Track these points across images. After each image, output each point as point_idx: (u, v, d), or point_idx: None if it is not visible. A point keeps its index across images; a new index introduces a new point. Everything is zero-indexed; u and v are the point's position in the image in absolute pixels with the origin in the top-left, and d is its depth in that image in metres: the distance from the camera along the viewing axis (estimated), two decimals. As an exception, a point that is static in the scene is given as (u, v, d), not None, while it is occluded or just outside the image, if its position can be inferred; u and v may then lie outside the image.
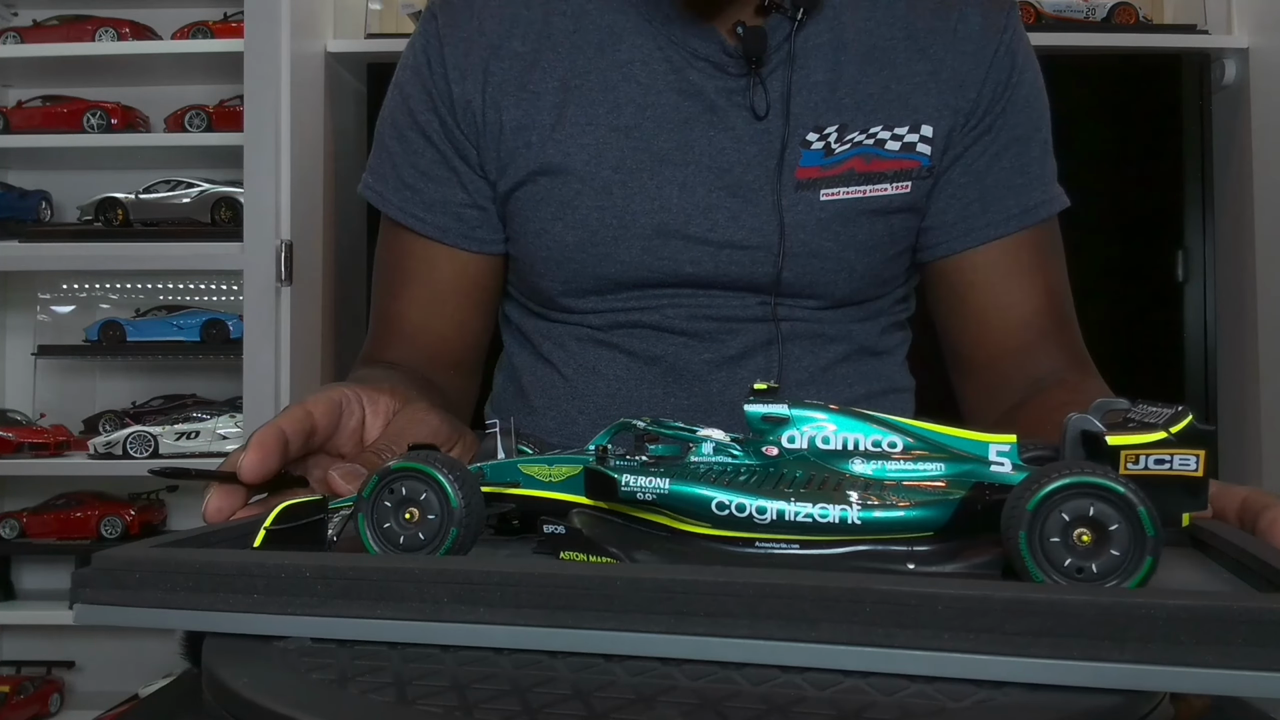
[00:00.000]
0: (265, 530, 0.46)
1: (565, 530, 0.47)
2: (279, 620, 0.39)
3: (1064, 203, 0.90)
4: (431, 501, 0.45)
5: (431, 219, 0.89)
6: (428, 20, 0.89)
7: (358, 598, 0.39)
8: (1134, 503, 0.36)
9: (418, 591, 0.38)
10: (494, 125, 0.86)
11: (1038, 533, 0.37)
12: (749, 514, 0.42)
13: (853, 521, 0.41)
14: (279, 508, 0.46)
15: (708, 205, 0.84)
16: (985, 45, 0.85)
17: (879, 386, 0.92)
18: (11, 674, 2.14)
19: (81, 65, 2.15)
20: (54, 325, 2.29)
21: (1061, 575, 0.37)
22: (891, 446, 0.45)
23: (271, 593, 0.39)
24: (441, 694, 0.34)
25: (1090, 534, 0.37)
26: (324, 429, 0.59)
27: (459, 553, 0.45)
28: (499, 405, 0.98)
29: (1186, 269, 1.99)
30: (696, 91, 0.84)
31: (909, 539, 0.42)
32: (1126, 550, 0.37)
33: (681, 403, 0.87)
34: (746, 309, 0.86)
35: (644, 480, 0.45)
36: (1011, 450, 0.44)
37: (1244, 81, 2.03)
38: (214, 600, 0.40)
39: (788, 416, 0.46)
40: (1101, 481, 0.37)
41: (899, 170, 0.84)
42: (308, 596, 0.39)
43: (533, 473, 0.48)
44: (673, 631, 0.36)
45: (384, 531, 0.45)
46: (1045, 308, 0.88)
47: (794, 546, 0.43)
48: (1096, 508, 0.37)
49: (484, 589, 0.37)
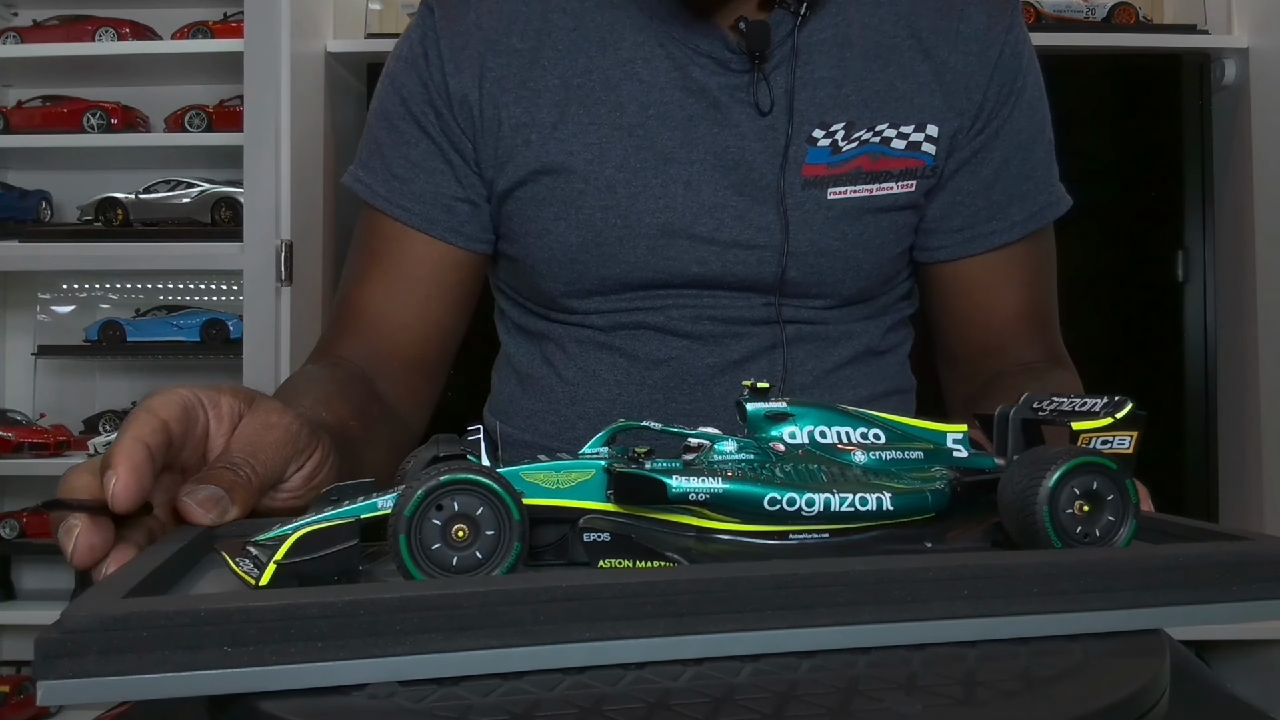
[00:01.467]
0: (275, 564, 0.40)
1: (611, 538, 0.45)
2: (355, 666, 0.33)
3: (1066, 204, 0.90)
4: (488, 516, 0.40)
5: (420, 210, 0.87)
6: (424, 14, 0.88)
7: (455, 630, 0.34)
8: (1123, 476, 0.44)
9: (523, 614, 0.34)
10: (492, 122, 0.85)
11: (1058, 506, 0.43)
12: (798, 508, 0.45)
13: (887, 508, 0.45)
14: (296, 535, 0.40)
15: (714, 204, 0.83)
16: (989, 46, 0.85)
17: (883, 388, 0.92)
18: (11, 674, 2.13)
19: (81, 65, 2.15)
20: (54, 325, 2.29)
21: (1073, 541, 0.43)
22: (876, 438, 0.49)
23: (339, 635, 0.33)
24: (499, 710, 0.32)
25: (1088, 504, 0.44)
26: (178, 439, 0.50)
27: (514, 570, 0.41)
28: (497, 408, 0.97)
29: (1186, 269, 1.99)
30: (700, 88, 0.83)
31: (915, 522, 0.46)
32: (1119, 515, 0.44)
33: (683, 407, 0.87)
34: (752, 310, 0.86)
35: (696, 481, 0.44)
36: (964, 438, 0.50)
37: (1244, 81, 2.03)
38: (266, 654, 0.33)
39: (790, 413, 0.48)
40: (1101, 460, 0.44)
41: (905, 169, 0.84)
42: (384, 637, 0.34)
43: (538, 480, 0.46)
44: (796, 626, 0.37)
45: (431, 554, 0.40)
46: (1029, 309, 0.90)
47: (824, 537, 0.45)
48: (1099, 481, 0.44)
49: (596, 603, 0.35)
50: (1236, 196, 2.05)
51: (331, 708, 0.32)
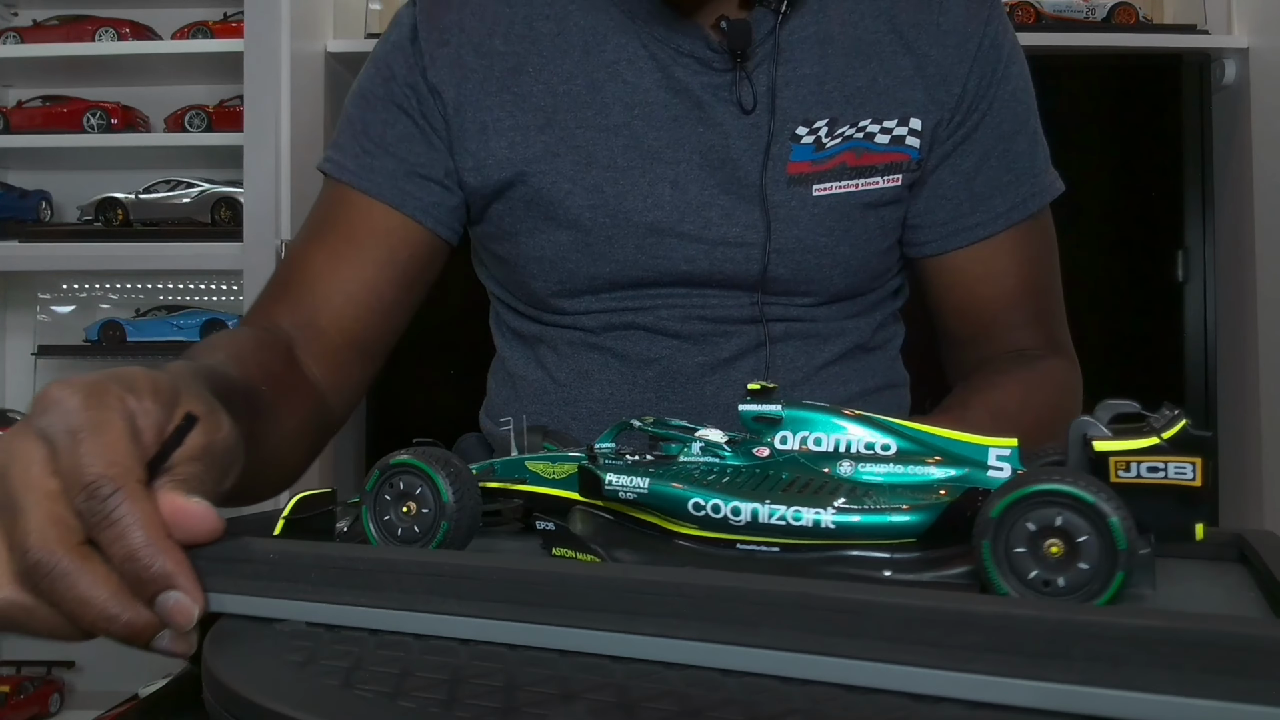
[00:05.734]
0: (284, 519, 0.49)
1: (554, 527, 0.49)
2: (279, 604, 0.41)
3: (1057, 190, 0.90)
4: (426, 496, 0.46)
5: (391, 185, 0.85)
6: (409, 7, 0.89)
7: (348, 586, 0.40)
8: (1105, 513, 0.34)
9: (395, 582, 0.39)
10: (473, 123, 0.85)
11: (1002, 542, 0.35)
12: (724, 515, 0.42)
13: (826, 525, 0.40)
14: (295, 499, 0.49)
15: (700, 203, 0.84)
16: (969, 38, 0.85)
17: (873, 383, 0.92)
18: (11, 674, 2.13)
19: (81, 65, 2.15)
20: (54, 325, 2.29)
21: (1026, 588, 0.35)
22: (885, 449, 0.43)
23: (274, 578, 0.42)
24: (434, 688, 0.34)
25: (1061, 545, 0.35)
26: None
27: (454, 546, 0.46)
28: (493, 410, 0.98)
29: (1186, 269, 1.99)
30: (683, 88, 0.84)
31: (891, 545, 0.40)
32: (1096, 564, 0.34)
33: (675, 406, 0.87)
34: (740, 309, 0.86)
35: (626, 479, 0.45)
36: (1013, 454, 0.41)
37: (1244, 81, 2.03)
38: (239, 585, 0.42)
39: (780, 417, 0.46)
40: (1069, 489, 0.34)
41: (889, 164, 0.84)
42: (304, 584, 0.41)
43: (538, 470, 0.50)
44: (622, 630, 0.35)
45: (385, 524, 0.47)
46: (1023, 296, 0.89)
47: (775, 549, 0.42)
48: (1065, 517, 0.34)
49: (452, 582, 0.39)
50: (1236, 196, 2.05)
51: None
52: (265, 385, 0.68)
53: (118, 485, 0.41)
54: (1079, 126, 1.99)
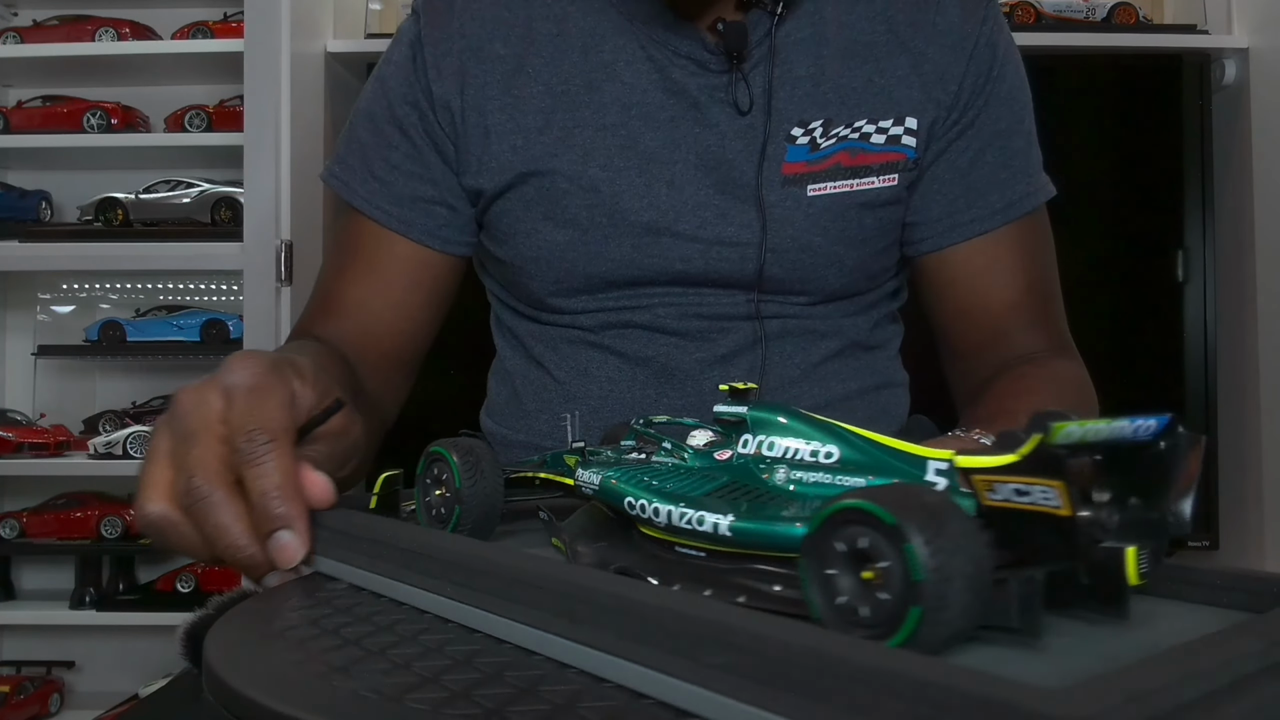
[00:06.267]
0: (376, 496, 0.57)
1: (546, 519, 0.51)
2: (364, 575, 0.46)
3: (1049, 193, 0.90)
4: (450, 481, 0.50)
5: (398, 212, 0.89)
6: (411, 19, 0.90)
7: (399, 564, 0.44)
8: (903, 536, 0.29)
9: (375, 554, 0.45)
10: (477, 128, 0.86)
11: (816, 561, 0.32)
12: (648, 516, 0.42)
13: (723, 533, 0.39)
14: (381, 478, 0.58)
15: (696, 203, 0.84)
16: (965, 38, 0.86)
17: (872, 382, 0.92)
18: (11, 674, 2.13)
19: (81, 65, 2.15)
20: (54, 325, 2.29)
21: (833, 613, 0.32)
22: (827, 457, 0.41)
23: (360, 552, 0.47)
24: (437, 688, 0.34)
25: (874, 571, 0.30)
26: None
27: (468, 529, 0.50)
28: (494, 410, 0.98)
29: (1186, 269, 1.99)
30: (680, 89, 0.85)
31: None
32: (895, 593, 0.30)
33: (674, 403, 0.88)
34: (736, 307, 0.87)
35: (587, 475, 0.48)
36: (949, 468, 0.37)
37: (1244, 81, 2.03)
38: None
39: (744, 419, 0.44)
40: (871, 507, 0.30)
41: (885, 163, 0.85)
42: (351, 552, 0.47)
43: (571, 464, 0.52)
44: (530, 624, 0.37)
45: (426, 505, 0.52)
46: (1026, 297, 0.89)
47: (701, 555, 0.41)
48: (870, 539, 0.30)
49: (416, 559, 0.43)
50: (1236, 196, 2.05)
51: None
52: (345, 393, 0.72)
53: (271, 438, 0.50)
54: (1079, 126, 1.99)
